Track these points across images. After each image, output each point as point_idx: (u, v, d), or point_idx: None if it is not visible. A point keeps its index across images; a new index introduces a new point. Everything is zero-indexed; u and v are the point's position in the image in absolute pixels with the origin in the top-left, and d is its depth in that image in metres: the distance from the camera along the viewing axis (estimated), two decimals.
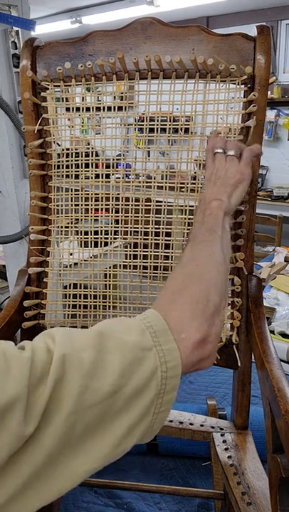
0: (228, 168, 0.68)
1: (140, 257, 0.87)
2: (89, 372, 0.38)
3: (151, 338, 0.43)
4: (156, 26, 0.80)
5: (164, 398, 0.43)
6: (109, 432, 0.39)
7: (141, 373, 0.41)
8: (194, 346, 0.46)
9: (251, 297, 0.81)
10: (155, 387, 0.42)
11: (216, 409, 1.24)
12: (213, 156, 0.70)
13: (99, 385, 0.38)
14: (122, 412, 0.40)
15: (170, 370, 0.43)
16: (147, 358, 0.42)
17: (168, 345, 0.44)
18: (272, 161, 3.94)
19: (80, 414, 0.37)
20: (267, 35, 0.76)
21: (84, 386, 0.37)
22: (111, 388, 0.39)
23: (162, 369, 0.42)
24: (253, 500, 0.70)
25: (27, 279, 0.86)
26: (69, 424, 0.36)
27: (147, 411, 0.42)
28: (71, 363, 0.38)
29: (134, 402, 0.41)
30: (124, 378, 0.40)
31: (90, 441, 0.38)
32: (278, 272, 2.17)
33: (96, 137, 0.89)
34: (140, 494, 1.16)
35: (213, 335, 0.48)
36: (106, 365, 0.40)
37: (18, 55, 1.40)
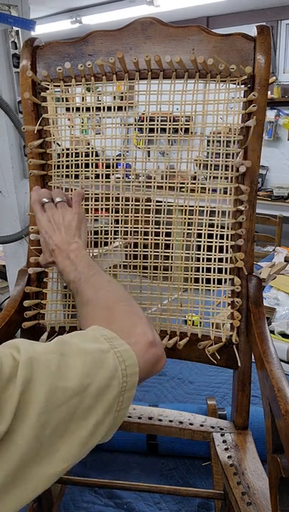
0: (63, 214, 0.72)
1: (140, 257, 0.87)
2: (56, 373, 0.40)
3: (106, 342, 0.47)
4: (156, 26, 0.80)
5: (124, 395, 0.46)
6: (77, 432, 0.41)
7: (103, 373, 0.44)
8: (146, 347, 0.51)
9: (251, 297, 0.81)
10: (117, 385, 0.45)
11: (216, 409, 1.24)
12: (42, 207, 0.74)
13: (66, 384, 0.40)
14: (89, 410, 0.42)
15: (129, 368, 0.46)
16: (107, 358, 0.45)
17: (122, 347, 0.47)
18: (272, 161, 3.94)
19: (50, 413, 0.38)
20: (267, 35, 0.76)
21: (52, 386, 0.39)
22: (77, 387, 0.40)
23: (122, 367, 0.46)
24: (253, 500, 0.70)
25: (27, 279, 0.86)
26: (40, 424, 0.37)
27: (110, 408, 0.44)
28: (38, 365, 0.39)
29: (99, 401, 0.43)
30: (89, 378, 0.42)
31: (59, 442, 0.39)
32: (278, 272, 2.17)
33: (96, 137, 0.89)
34: (140, 494, 1.16)
35: (157, 338, 0.54)
36: (70, 366, 0.42)
37: (18, 55, 1.40)
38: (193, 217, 0.84)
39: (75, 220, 0.71)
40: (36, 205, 0.74)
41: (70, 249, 0.68)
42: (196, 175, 0.83)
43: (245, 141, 0.78)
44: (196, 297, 0.85)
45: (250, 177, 0.79)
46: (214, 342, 0.83)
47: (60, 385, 0.39)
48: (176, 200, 0.85)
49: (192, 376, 1.64)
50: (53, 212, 0.72)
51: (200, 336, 0.84)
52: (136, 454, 1.30)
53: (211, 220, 0.83)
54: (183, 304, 0.87)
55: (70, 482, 1.07)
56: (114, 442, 1.29)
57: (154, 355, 0.52)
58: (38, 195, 0.75)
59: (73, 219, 0.71)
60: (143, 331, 0.53)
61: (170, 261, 0.86)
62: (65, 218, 0.71)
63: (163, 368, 0.54)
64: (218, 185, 0.82)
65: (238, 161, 0.78)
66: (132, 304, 0.59)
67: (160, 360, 0.53)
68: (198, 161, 0.83)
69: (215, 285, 0.84)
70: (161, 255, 0.86)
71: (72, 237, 0.70)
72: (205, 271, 0.83)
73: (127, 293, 0.63)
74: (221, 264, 0.82)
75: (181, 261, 0.85)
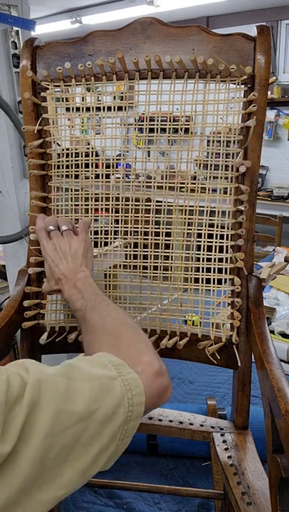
0: (69, 242, 0.72)
1: (140, 257, 0.87)
2: (63, 396, 0.39)
3: (114, 369, 0.46)
4: (156, 26, 0.80)
5: (129, 425, 0.45)
6: (80, 458, 0.40)
7: (110, 399, 0.43)
8: (153, 377, 0.50)
9: (251, 297, 0.81)
10: (123, 414, 0.44)
11: (216, 409, 1.24)
12: (48, 235, 0.73)
13: (72, 408, 0.39)
14: (94, 437, 0.41)
15: (135, 397, 0.45)
16: (114, 386, 0.44)
17: (130, 375, 0.47)
18: (272, 161, 3.94)
19: (55, 437, 0.37)
20: (267, 35, 0.76)
21: (59, 409, 0.38)
22: (84, 412, 0.40)
23: (128, 396, 0.45)
24: (253, 500, 0.70)
25: (27, 279, 0.86)
26: (45, 447, 0.36)
27: (114, 437, 0.43)
28: (46, 387, 0.38)
29: (104, 428, 0.42)
30: (96, 403, 0.41)
31: (62, 467, 0.38)
32: (278, 272, 2.17)
33: (96, 137, 0.89)
34: (140, 494, 1.16)
35: (163, 367, 0.53)
36: (78, 390, 0.41)
37: (18, 55, 1.39)
38: (193, 217, 0.84)
39: (81, 248, 0.71)
40: (42, 232, 0.74)
41: (77, 277, 0.68)
42: (196, 175, 0.83)
43: (245, 141, 0.78)
44: (196, 297, 0.85)
45: (250, 177, 0.79)
46: (214, 342, 0.83)
47: (67, 409, 0.39)
48: (176, 200, 0.85)
49: (192, 376, 1.64)
50: (58, 241, 0.72)
51: (200, 336, 0.84)
52: (136, 454, 1.30)
53: (211, 220, 0.83)
54: (183, 304, 0.87)
55: None
56: None
57: (161, 386, 0.51)
58: (43, 223, 0.74)
59: (80, 247, 0.71)
60: (150, 359, 0.52)
61: (170, 261, 0.86)
62: (72, 247, 0.71)
63: (169, 398, 0.53)
64: (218, 185, 0.82)
65: (238, 161, 0.78)
66: (138, 332, 0.58)
67: (167, 390, 0.52)
68: (198, 161, 0.83)
69: (215, 285, 0.84)
70: (161, 255, 0.86)
71: (79, 266, 0.69)
72: (205, 271, 0.83)
73: (133, 320, 0.62)
74: (221, 264, 0.82)
75: (181, 261, 0.85)
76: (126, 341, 0.55)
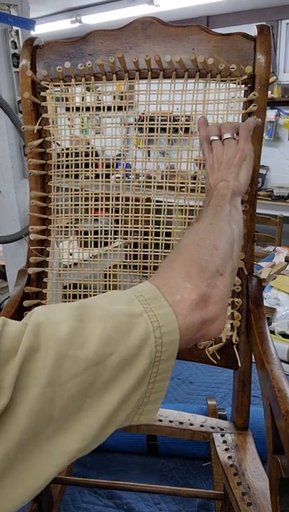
0: (227, 151, 0.66)
1: (140, 257, 0.86)
2: (66, 341, 0.35)
3: (140, 304, 0.40)
4: (156, 26, 0.80)
5: (159, 366, 0.40)
6: (96, 407, 0.36)
7: (130, 341, 0.37)
8: (192, 307, 0.42)
9: (251, 297, 0.81)
10: (149, 355, 0.38)
11: (216, 410, 1.24)
12: (210, 144, 0.69)
13: (79, 353, 0.35)
14: (110, 384, 0.37)
15: (166, 335, 0.39)
16: (136, 324, 0.38)
17: (161, 310, 0.40)
18: (273, 160, 3.93)
19: (59, 386, 0.34)
20: (267, 35, 0.76)
21: (61, 355, 0.34)
22: (94, 357, 0.36)
23: (156, 335, 0.39)
24: (253, 500, 0.70)
25: (27, 279, 0.86)
26: (47, 397, 0.33)
27: (141, 382, 0.39)
28: (46, 332, 0.35)
29: (123, 373, 0.37)
30: (109, 346, 0.36)
31: (74, 419, 0.35)
32: (279, 272, 2.17)
33: (96, 137, 0.89)
34: (140, 495, 1.16)
35: (214, 296, 0.44)
36: (87, 333, 0.36)
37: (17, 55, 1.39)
38: (193, 217, 0.84)
39: (236, 157, 0.65)
40: (205, 143, 0.70)
41: (217, 187, 0.62)
42: (196, 175, 0.83)
43: None
44: None
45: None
46: (214, 342, 0.83)
47: (71, 355, 0.35)
48: (176, 200, 0.85)
49: (192, 376, 1.64)
50: (217, 151, 0.67)
51: None
52: (136, 454, 1.30)
53: None
54: None
55: (70, 482, 1.07)
56: (114, 442, 1.29)
57: (200, 318, 0.42)
58: (206, 132, 0.71)
59: (234, 156, 0.66)
60: (194, 285, 0.43)
61: None
62: (227, 155, 0.66)
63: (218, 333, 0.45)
64: None
65: None
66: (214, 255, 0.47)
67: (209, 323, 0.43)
68: (199, 160, 0.83)
69: None
70: (161, 255, 0.86)
71: (226, 175, 0.64)
72: None
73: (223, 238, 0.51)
74: None
75: None
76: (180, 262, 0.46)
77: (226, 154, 0.66)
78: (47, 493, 1.03)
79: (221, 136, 0.69)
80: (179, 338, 0.40)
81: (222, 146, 0.68)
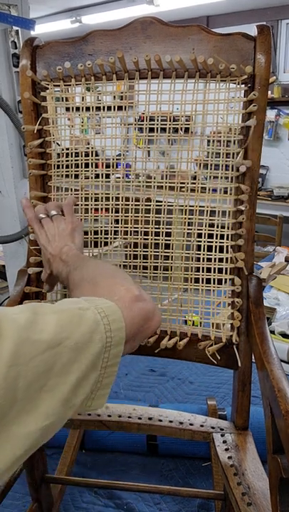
0: (57, 225, 0.74)
1: (140, 257, 0.86)
2: (25, 327, 0.38)
3: (86, 302, 0.45)
4: (156, 26, 0.80)
5: (110, 352, 0.44)
6: (57, 387, 0.39)
7: (82, 328, 0.41)
8: (131, 301, 0.49)
9: (251, 297, 0.81)
10: (100, 340, 0.42)
11: (216, 410, 1.24)
12: (40, 223, 0.76)
13: (38, 337, 0.38)
14: (69, 365, 0.40)
15: (113, 323, 0.44)
16: (85, 314, 0.43)
17: (105, 304, 0.46)
18: (273, 160, 3.94)
19: (22, 366, 0.36)
20: (267, 35, 0.76)
21: (22, 338, 0.37)
22: (52, 340, 0.39)
23: (104, 322, 0.43)
24: (253, 500, 0.70)
25: (27, 279, 0.86)
26: (11, 377, 0.35)
27: (95, 365, 0.42)
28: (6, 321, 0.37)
29: (80, 355, 0.41)
30: (65, 332, 0.40)
31: (38, 398, 0.37)
32: (279, 272, 2.17)
33: (96, 137, 0.89)
34: (140, 495, 1.16)
35: (144, 294, 0.52)
36: (43, 322, 0.39)
37: (17, 55, 1.39)
38: (193, 217, 0.84)
39: (68, 229, 0.74)
40: (34, 222, 0.76)
41: (62, 252, 0.70)
42: (196, 175, 0.83)
43: (246, 140, 0.78)
44: (196, 297, 0.85)
45: (251, 177, 0.79)
46: (214, 342, 0.83)
47: (31, 338, 0.37)
48: (176, 200, 0.85)
49: (192, 376, 1.64)
50: (48, 227, 0.75)
51: (200, 336, 0.84)
52: (136, 455, 1.30)
53: (211, 220, 0.83)
54: (183, 304, 0.86)
55: (70, 482, 1.07)
56: (114, 442, 1.29)
57: (142, 309, 0.50)
58: (33, 213, 0.77)
59: (66, 228, 0.74)
60: (127, 287, 0.51)
61: (170, 261, 0.86)
62: (59, 228, 0.74)
63: (158, 325, 0.53)
64: (218, 185, 0.82)
65: (239, 160, 0.78)
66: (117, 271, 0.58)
67: (152, 314, 0.51)
68: (199, 160, 0.83)
69: (215, 285, 0.83)
70: (161, 255, 0.86)
71: (64, 243, 0.72)
72: (205, 271, 0.83)
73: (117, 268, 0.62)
74: (221, 264, 0.82)
75: (181, 261, 0.85)
76: (103, 281, 0.55)
77: (57, 227, 0.74)
78: (47, 493, 1.03)
79: (48, 214, 0.76)
80: (128, 330, 0.46)
81: (51, 221, 0.75)
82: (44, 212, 0.76)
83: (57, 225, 0.74)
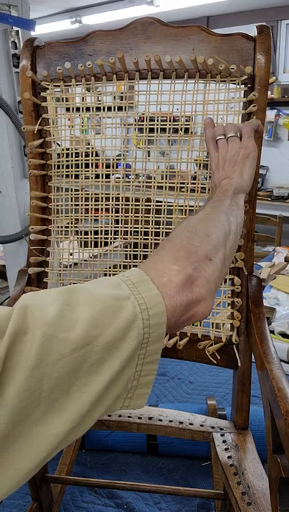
0: (231, 148, 0.69)
1: (140, 257, 0.86)
2: (54, 323, 0.35)
3: (128, 288, 0.41)
4: (156, 26, 0.80)
5: (148, 348, 0.40)
6: (86, 388, 0.36)
7: (117, 323, 0.38)
8: (178, 288, 0.43)
9: (251, 297, 0.81)
10: (136, 337, 0.39)
11: (216, 409, 1.24)
12: (216, 145, 0.72)
13: (66, 335, 0.35)
14: (99, 365, 0.37)
15: (153, 317, 0.40)
16: (123, 306, 0.39)
17: (148, 292, 0.41)
18: (272, 161, 3.94)
19: (47, 367, 0.34)
20: (267, 35, 0.76)
21: (48, 336, 0.34)
22: (81, 338, 0.36)
23: (144, 316, 0.39)
24: (253, 500, 0.70)
25: (27, 279, 0.86)
26: (35, 379, 0.33)
27: (129, 363, 0.39)
28: (33, 314, 0.35)
29: (112, 354, 0.37)
30: (97, 328, 0.37)
31: (64, 399, 0.35)
32: (278, 272, 2.17)
33: (96, 137, 0.89)
34: (140, 494, 1.16)
35: (201, 278, 0.45)
36: (74, 316, 0.37)
37: (18, 55, 1.40)
38: None
39: (240, 154, 0.67)
40: (210, 142, 0.72)
41: (221, 184, 0.64)
42: (196, 175, 0.83)
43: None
44: None
45: None
46: (214, 342, 0.83)
47: (59, 336, 0.35)
48: (176, 200, 0.85)
49: (192, 376, 1.64)
50: (222, 149, 0.70)
51: (200, 336, 0.84)
52: (136, 454, 1.30)
53: None
54: None
55: (70, 482, 1.07)
56: (114, 442, 1.29)
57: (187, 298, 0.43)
58: (212, 132, 0.73)
59: (238, 153, 0.68)
60: (181, 267, 0.44)
61: None
62: (231, 152, 0.68)
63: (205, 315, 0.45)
64: None
65: None
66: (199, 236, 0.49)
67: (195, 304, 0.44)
68: (199, 161, 0.83)
69: None
70: None
71: (229, 173, 0.65)
72: None
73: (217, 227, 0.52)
74: None
75: None
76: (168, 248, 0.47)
77: (229, 152, 0.69)
78: (47, 493, 1.03)
79: (225, 135, 0.71)
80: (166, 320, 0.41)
81: (226, 144, 0.70)
82: (221, 133, 0.72)
83: (230, 148, 0.69)
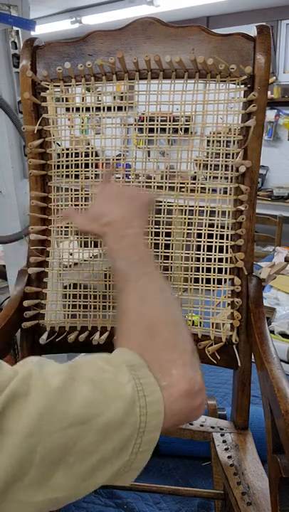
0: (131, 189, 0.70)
1: None
2: (56, 394, 0.35)
3: (128, 371, 0.40)
4: (156, 26, 0.80)
5: (143, 438, 0.40)
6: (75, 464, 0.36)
7: (115, 407, 0.38)
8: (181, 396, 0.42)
9: (251, 297, 0.81)
10: (133, 424, 0.38)
11: (216, 409, 1.24)
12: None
13: (66, 408, 0.35)
14: (92, 446, 0.37)
15: (150, 405, 0.39)
16: (123, 391, 0.39)
17: (147, 379, 0.41)
18: (272, 161, 3.93)
19: (43, 436, 0.34)
20: (267, 35, 0.76)
21: (48, 406, 0.34)
22: (80, 415, 0.36)
23: (141, 403, 0.39)
24: (253, 500, 0.70)
25: (27, 279, 0.86)
26: (28, 447, 0.33)
27: (123, 449, 0.39)
28: (37, 380, 0.35)
29: (107, 438, 0.37)
30: (96, 409, 0.37)
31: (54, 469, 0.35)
32: (278, 272, 2.17)
33: (96, 137, 0.89)
34: (140, 494, 1.16)
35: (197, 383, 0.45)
36: (75, 391, 0.37)
37: (18, 55, 1.40)
38: (193, 217, 0.84)
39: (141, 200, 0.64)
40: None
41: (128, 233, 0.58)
42: (196, 175, 0.83)
43: (245, 141, 0.78)
44: (196, 297, 0.85)
45: (250, 177, 0.79)
46: (214, 342, 0.83)
47: (59, 408, 0.35)
48: (176, 200, 0.85)
49: None
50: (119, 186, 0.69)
51: (200, 336, 0.84)
52: None
53: (211, 220, 0.83)
54: (183, 303, 0.86)
55: None
56: None
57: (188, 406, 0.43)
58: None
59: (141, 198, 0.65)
60: (182, 372, 0.43)
61: (170, 261, 0.86)
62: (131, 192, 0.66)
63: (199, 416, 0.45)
64: (218, 186, 0.82)
65: (238, 161, 0.78)
66: (178, 330, 0.48)
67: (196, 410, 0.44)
68: (198, 161, 0.83)
69: (215, 285, 0.84)
70: (161, 255, 0.86)
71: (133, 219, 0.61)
72: (205, 271, 0.83)
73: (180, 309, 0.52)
74: (221, 264, 0.82)
75: (181, 261, 0.85)
76: (160, 343, 0.46)
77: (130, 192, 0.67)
78: None
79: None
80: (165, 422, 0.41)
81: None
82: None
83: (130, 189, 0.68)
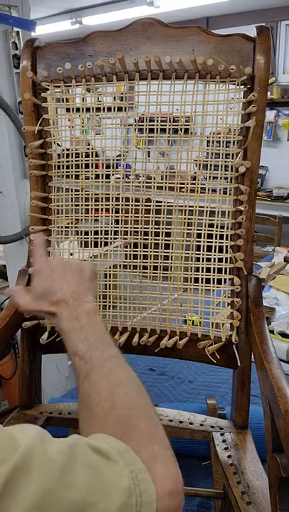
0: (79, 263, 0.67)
1: (140, 257, 0.87)
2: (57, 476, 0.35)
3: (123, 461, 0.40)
4: (156, 27, 0.80)
5: None
6: None
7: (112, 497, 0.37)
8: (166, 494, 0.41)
9: (251, 297, 0.81)
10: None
11: (216, 409, 1.24)
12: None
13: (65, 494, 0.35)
14: None
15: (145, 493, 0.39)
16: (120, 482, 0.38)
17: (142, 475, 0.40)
18: (272, 161, 3.94)
19: None
20: (266, 36, 0.76)
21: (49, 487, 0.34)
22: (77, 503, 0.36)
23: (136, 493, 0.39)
24: (252, 499, 0.70)
25: (27, 279, 0.86)
26: None
27: None
28: (40, 459, 0.35)
29: None
30: (94, 496, 0.37)
31: None
32: (278, 272, 2.18)
33: (96, 138, 0.89)
34: None
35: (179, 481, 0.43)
36: (75, 475, 0.36)
37: (18, 56, 1.40)
38: (192, 217, 0.84)
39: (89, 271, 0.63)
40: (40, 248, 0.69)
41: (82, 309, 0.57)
42: (195, 175, 0.84)
43: (245, 141, 0.79)
44: (195, 297, 0.85)
45: (250, 177, 0.79)
46: (214, 342, 0.83)
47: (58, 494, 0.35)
48: (175, 201, 0.85)
49: (192, 376, 1.64)
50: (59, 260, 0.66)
51: (200, 336, 0.84)
52: None
53: (210, 220, 0.83)
54: (183, 303, 0.87)
55: None
56: None
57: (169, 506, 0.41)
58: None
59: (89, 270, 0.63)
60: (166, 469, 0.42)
61: (170, 261, 0.86)
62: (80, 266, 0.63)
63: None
64: (217, 186, 0.82)
65: (238, 161, 0.79)
66: (156, 422, 0.47)
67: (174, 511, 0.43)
68: (198, 161, 0.83)
69: (215, 285, 0.84)
70: (161, 255, 0.86)
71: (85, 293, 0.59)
72: (205, 271, 0.84)
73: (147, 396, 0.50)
74: (221, 264, 0.83)
75: (180, 261, 0.85)
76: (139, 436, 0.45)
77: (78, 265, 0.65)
78: None
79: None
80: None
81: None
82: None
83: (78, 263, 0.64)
